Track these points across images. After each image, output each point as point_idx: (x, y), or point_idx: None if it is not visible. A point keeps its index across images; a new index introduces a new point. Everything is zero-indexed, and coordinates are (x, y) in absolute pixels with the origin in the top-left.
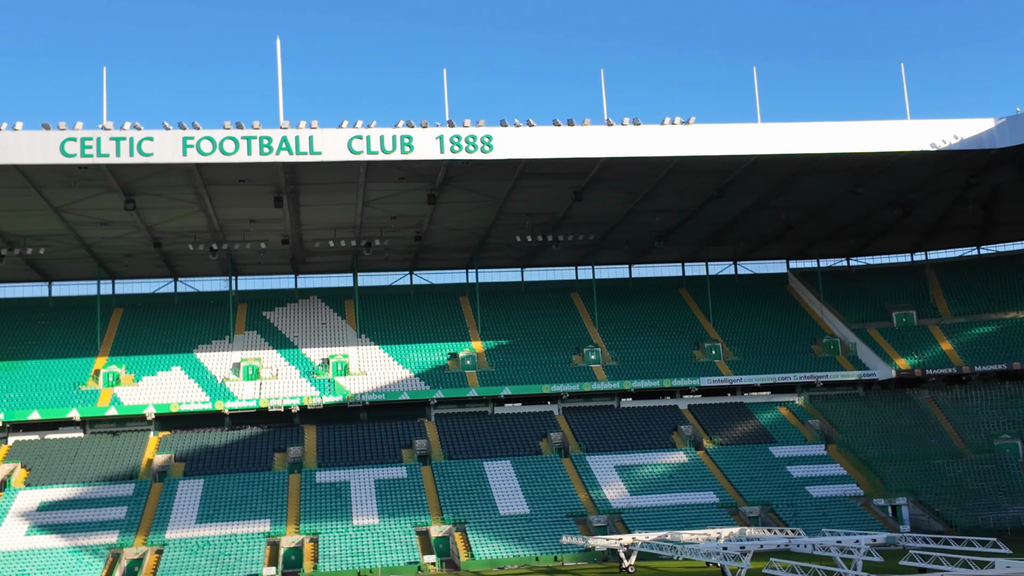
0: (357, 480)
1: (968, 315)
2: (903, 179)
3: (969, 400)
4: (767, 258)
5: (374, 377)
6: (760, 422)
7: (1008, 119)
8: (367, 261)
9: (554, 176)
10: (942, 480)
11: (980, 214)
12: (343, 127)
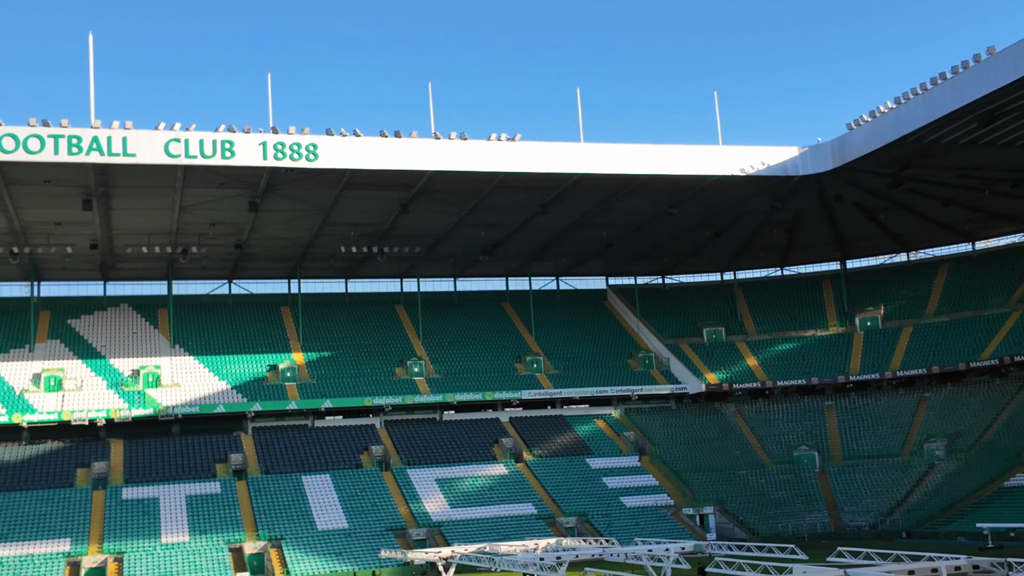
0: (167, 496)
1: (772, 332)
2: (715, 202)
3: (771, 413)
4: (588, 274)
5: (188, 389)
6: (578, 434)
7: (810, 148)
8: (183, 269)
9: (380, 187)
10: (746, 490)
11: (784, 237)
12: (160, 129)
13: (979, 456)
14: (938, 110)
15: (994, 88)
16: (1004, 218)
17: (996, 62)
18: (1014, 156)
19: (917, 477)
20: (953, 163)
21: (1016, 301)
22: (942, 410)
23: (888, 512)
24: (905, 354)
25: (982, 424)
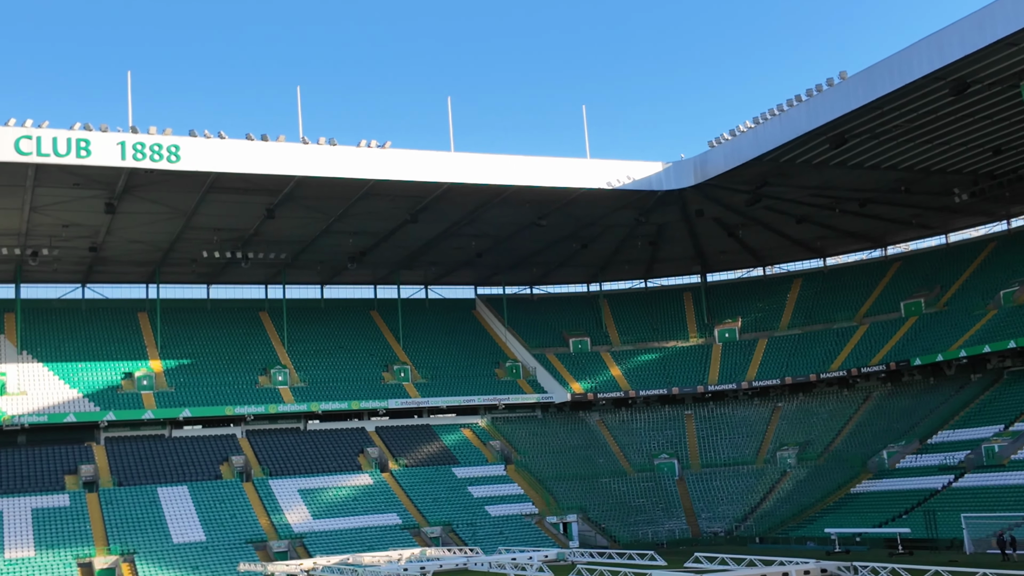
0: (11, 510)
1: (635, 343)
2: (582, 214)
3: (634, 422)
4: (457, 283)
5: (36, 398)
6: (445, 443)
7: (674, 164)
8: (33, 272)
9: (245, 191)
10: (608, 497)
11: (648, 250)
12: (10, 125)
13: (828, 464)
14: (793, 131)
15: (845, 111)
16: (853, 236)
17: (847, 87)
18: (863, 177)
19: (770, 484)
20: (807, 182)
21: (863, 315)
22: (794, 419)
23: (743, 518)
24: (760, 365)
25: (831, 433)
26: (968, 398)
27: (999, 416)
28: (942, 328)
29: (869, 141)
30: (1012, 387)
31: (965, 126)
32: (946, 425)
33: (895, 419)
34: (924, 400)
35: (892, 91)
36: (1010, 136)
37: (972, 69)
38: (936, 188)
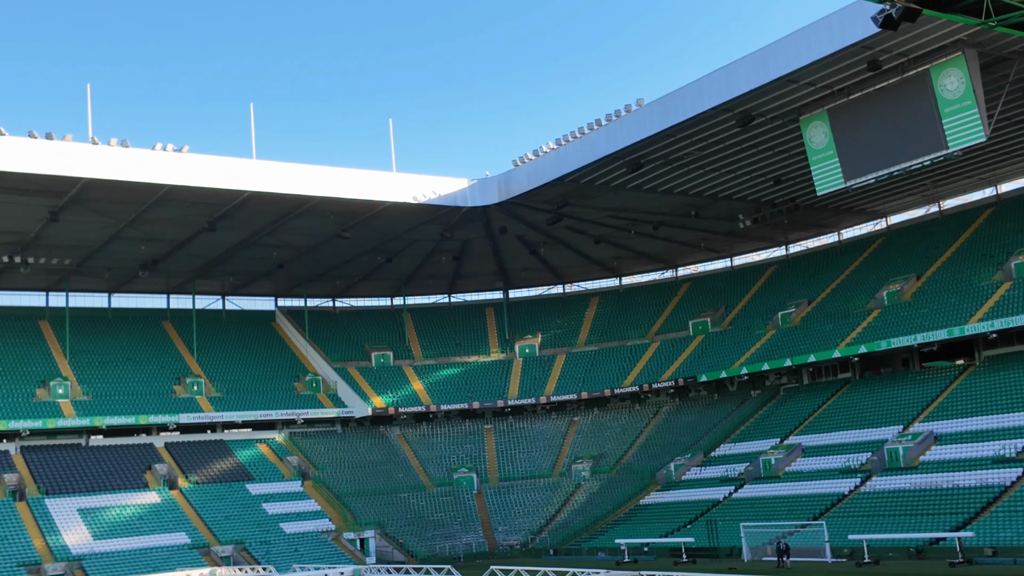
0: None
1: (438, 357)
2: (387, 227)
3: (434, 436)
4: (257, 294)
5: None
6: (239, 459)
7: (479, 181)
8: None
9: (26, 192)
10: (407, 512)
11: (452, 265)
12: None
13: (620, 476)
14: (593, 154)
15: (641, 137)
16: (647, 257)
17: (644, 114)
18: (657, 200)
19: (565, 497)
20: (605, 204)
21: (655, 333)
22: (589, 433)
23: (538, 530)
24: (559, 380)
25: (623, 446)
26: (748, 413)
27: (775, 430)
28: (726, 346)
29: (663, 166)
30: (787, 403)
31: (750, 156)
32: (728, 439)
33: (682, 433)
34: (708, 415)
35: (684, 120)
36: (789, 167)
37: (757, 103)
38: (723, 214)
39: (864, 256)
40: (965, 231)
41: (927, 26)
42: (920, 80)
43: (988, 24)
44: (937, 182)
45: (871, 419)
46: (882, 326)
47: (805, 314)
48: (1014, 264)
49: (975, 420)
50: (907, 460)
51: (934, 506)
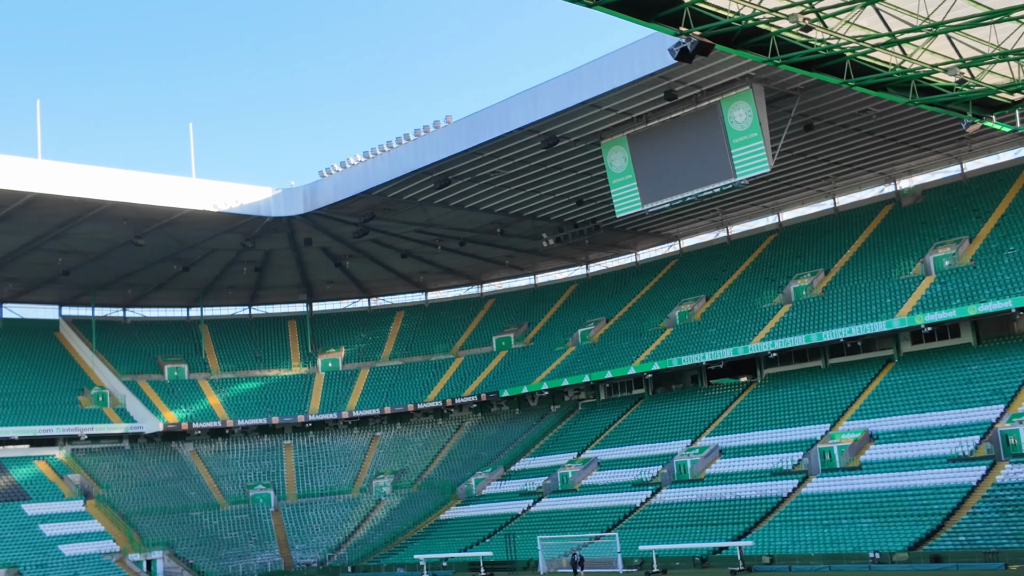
0: None
1: (236, 371)
2: (185, 235)
3: (231, 453)
4: (38, 302)
5: None
6: (15, 478)
7: (284, 191)
8: None
9: None
10: (199, 532)
11: (254, 276)
12: None
13: (421, 491)
14: (401, 168)
15: (449, 154)
16: (453, 272)
17: (452, 130)
18: (464, 217)
19: (365, 513)
20: (412, 218)
21: (459, 348)
22: (391, 448)
23: (336, 548)
24: (362, 395)
25: (425, 461)
26: (548, 427)
27: (573, 444)
28: (528, 362)
29: (471, 184)
30: (585, 417)
31: (554, 177)
32: (528, 453)
33: (483, 447)
34: (510, 429)
35: (492, 139)
36: (591, 189)
37: (561, 125)
38: (527, 232)
39: (659, 277)
40: (750, 256)
41: (719, 60)
42: (712, 111)
43: (773, 62)
44: (726, 209)
45: (662, 433)
46: (674, 344)
47: (603, 331)
48: (793, 288)
49: (756, 434)
50: (694, 473)
51: (718, 516)
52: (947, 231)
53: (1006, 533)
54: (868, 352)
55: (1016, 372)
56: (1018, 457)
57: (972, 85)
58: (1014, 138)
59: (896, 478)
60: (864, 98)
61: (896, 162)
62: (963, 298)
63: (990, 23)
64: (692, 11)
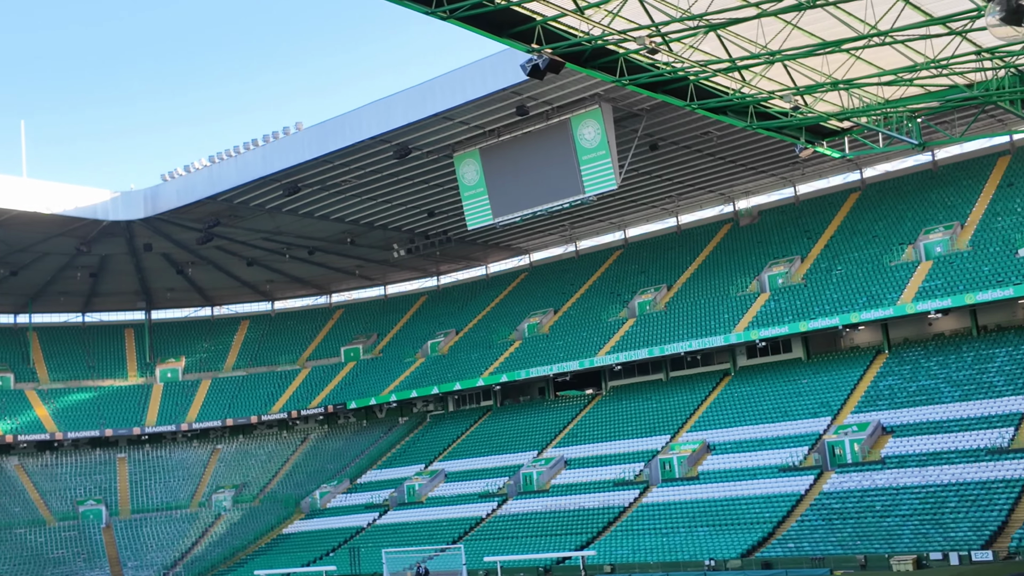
0: None
1: (67, 381)
2: (14, 237)
3: (59, 467)
4: None
5: None
6: None
7: (123, 194)
8: None
9: None
10: (22, 550)
11: (89, 282)
12: None
13: (263, 505)
14: (249, 174)
15: (299, 161)
16: (301, 282)
17: (302, 137)
18: (313, 225)
19: (203, 528)
20: (260, 226)
21: (306, 359)
22: (232, 462)
23: (172, 565)
24: (203, 406)
25: (268, 474)
26: (395, 439)
27: (421, 456)
28: (377, 373)
29: (321, 192)
30: (433, 429)
31: (406, 188)
32: (374, 465)
33: (329, 460)
34: (356, 442)
35: (343, 147)
36: (443, 201)
37: (414, 136)
38: (378, 242)
39: (509, 290)
40: (597, 270)
41: (570, 78)
42: (562, 128)
43: (621, 82)
44: (574, 224)
45: (510, 445)
46: (522, 356)
47: (453, 343)
48: (637, 302)
49: (601, 445)
50: (540, 484)
51: (563, 527)
52: (781, 251)
53: (831, 540)
54: (707, 366)
55: (842, 386)
56: (843, 467)
57: (805, 112)
58: (843, 164)
59: (731, 487)
60: (706, 120)
61: (735, 183)
62: (795, 315)
63: (822, 54)
64: (544, 29)
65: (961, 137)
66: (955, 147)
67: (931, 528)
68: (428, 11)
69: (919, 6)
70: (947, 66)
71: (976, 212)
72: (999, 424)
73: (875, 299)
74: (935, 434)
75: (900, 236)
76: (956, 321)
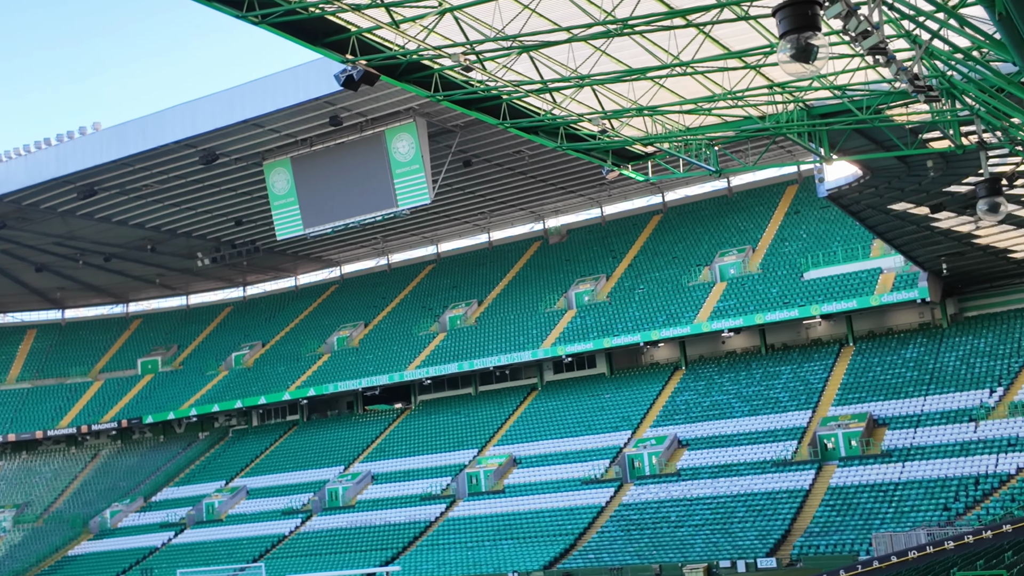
0: None
1: None
2: None
3: None
4: None
5: None
6: None
7: None
8: None
9: None
10: None
11: None
12: None
13: (47, 526)
14: (40, 175)
15: (96, 163)
16: (96, 290)
17: (100, 139)
18: (110, 231)
19: None
20: (51, 230)
21: (99, 371)
22: (14, 480)
23: None
24: None
25: (54, 493)
26: (195, 455)
27: (222, 472)
28: (176, 387)
29: (120, 196)
30: (236, 445)
31: (212, 195)
32: (171, 482)
33: (122, 477)
34: (152, 458)
35: (145, 151)
36: (252, 210)
37: (222, 142)
38: (181, 250)
39: (318, 302)
40: (409, 284)
41: (385, 91)
42: (377, 140)
43: (436, 97)
44: (387, 237)
45: (316, 460)
46: (331, 370)
47: (259, 356)
48: (448, 317)
49: (409, 460)
50: (346, 499)
51: (368, 542)
52: (588, 269)
53: (629, 550)
54: (515, 380)
55: (642, 400)
56: (642, 479)
57: (612, 135)
58: (647, 187)
59: (535, 500)
60: (519, 140)
61: (545, 202)
62: (599, 331)
63: (629, 80)
64: (359, 40)
65: (754, 166)
66: (749, 175)
67: (721, 537)
68: (239, 15)
69: (718, 40)
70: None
71: (766, 237)
72: (784, 438)
73: (674, 317)
74: (726, 447)
75: (698, 258)
76: (747, 340)
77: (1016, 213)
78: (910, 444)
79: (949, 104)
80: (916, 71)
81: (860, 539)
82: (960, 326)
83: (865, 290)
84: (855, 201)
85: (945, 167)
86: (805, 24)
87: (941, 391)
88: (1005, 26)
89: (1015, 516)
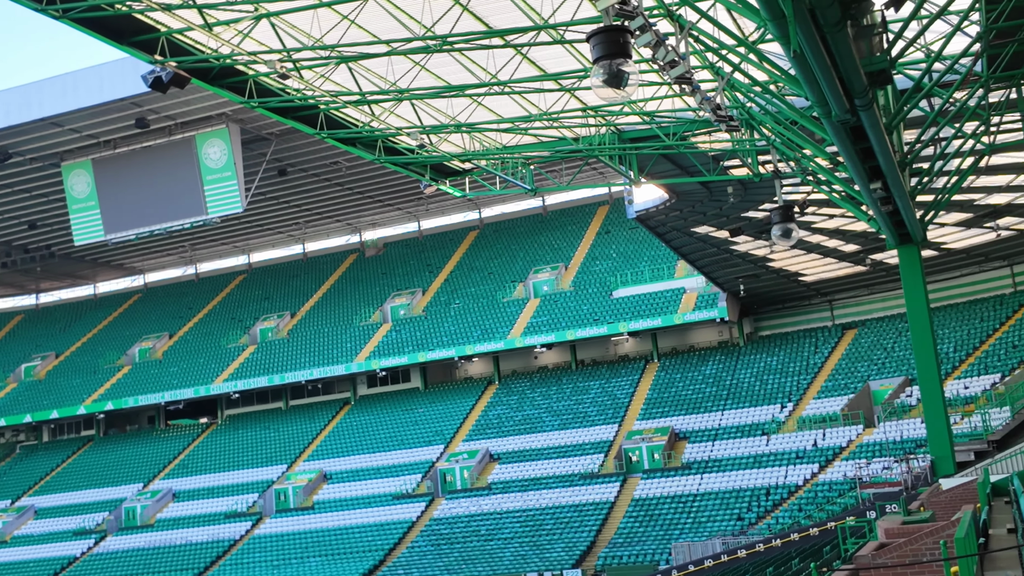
0: None
1: None
2: None
3: None
4: None
5: None
6: None
7: None
8: None
9: None
10: None
11: None
12: None
13: None
14: None
15: None
16: None
17: None
18: None
19: None
20: None
21: None
22: None
23: None
24: None
25: None
26: None
27: (7, 492)
28: None
29: None
30: (24, 462)
31: (4, 196)
32: None
33: None
34: None
35: None
36: (47, 212)
37: (15, 140)
38: None
39: (119, 311)
40: (218, 294)
41: (196, 95)
42: (186, 145)
43: (250, 104)
44: (196, 245)
45: (112, 478)
46: (132, 383)
47: (52, 367)
48: (259, 329)
49: (213, 476)
50: (144, 518)
51: (167, 563)
52: (404, 283)
53: (439, 565)
54: (328, 394)
55: (455, 415)
56: (453, 493)
57: (430, 150)
58: (464, 202)
59: (346, 516)
60: (336, 150)
61: (362, 214)
62: (415, 345)
63: (447, 97)
64: (169, 41)
65: (568, 186)
66: (563, 194)
67: (529, 550)
68: (39, 8)
69: (535, 61)
70: (557, 119)
71: (579, 255)
72: (591, 451)
73: (488, 332)
74: (536, 460)
75: (513, 274)
76: (558, 355)
77: (807, 239)
78: (708, 457)
79: (748, 134)
80: (718, 101)
81: (661, 549)
82: (755, 344)
83: (669, 308)
84: (661, 223)
85: (744, 193)
86: (617, 51)
87: (737, 406)
88: (799, 63)
89: (802, 525)
